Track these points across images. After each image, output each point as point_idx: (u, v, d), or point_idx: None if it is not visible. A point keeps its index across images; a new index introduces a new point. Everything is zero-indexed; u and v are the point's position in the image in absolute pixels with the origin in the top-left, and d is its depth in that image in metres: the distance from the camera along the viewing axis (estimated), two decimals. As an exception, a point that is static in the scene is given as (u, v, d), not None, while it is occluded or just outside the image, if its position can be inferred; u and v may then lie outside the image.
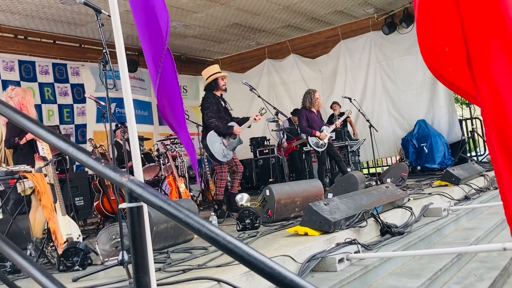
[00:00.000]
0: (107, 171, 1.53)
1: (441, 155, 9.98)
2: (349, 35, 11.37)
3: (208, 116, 6.17)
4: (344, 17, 10.98)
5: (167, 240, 4.12)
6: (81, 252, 3.69)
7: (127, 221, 3.76)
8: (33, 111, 4.97)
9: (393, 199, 5.20)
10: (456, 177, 6.85)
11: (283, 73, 12.16)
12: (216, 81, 6.29)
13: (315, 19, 10.89)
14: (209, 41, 11.61)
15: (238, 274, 2.88)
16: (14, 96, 4.83)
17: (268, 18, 10.33)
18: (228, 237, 1.33)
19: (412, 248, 4.28)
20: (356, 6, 10.34)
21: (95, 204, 6.65)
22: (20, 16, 8.42)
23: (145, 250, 1.51)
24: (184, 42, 11.41)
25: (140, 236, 1.50)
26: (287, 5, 9.62)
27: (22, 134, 4.72)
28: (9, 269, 3.75)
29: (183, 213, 1.40)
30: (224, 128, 6.18)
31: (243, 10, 9.58)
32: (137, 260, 1.48)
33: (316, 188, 5.48)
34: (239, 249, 1.30)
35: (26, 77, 8.88)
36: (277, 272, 1.24)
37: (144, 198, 1.46)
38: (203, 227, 1.37)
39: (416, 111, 10.51)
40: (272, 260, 1.28)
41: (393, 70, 10.80)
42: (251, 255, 1.28)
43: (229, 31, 10.92)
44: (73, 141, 2.79)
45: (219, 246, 1.34)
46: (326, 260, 3.51)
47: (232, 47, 12.36)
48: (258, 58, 12.54)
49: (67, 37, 9.71)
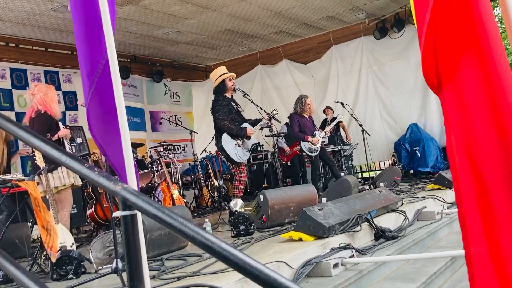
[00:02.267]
0: (100, 179, 1.53)
1: (434, 158, 10.01)
2: (341, 40, 11.41)
3: (220, 119, 6.08)
4: (335, 22, 11.03)
5: (161, 248, 4.11)
6: (75, 261, 3.67)
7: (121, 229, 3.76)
8: (57, 107, 4.89)
9: (387, 203, 5.21)
10: (449, 181, 6.88)
11: (275, 78, 12.18)
12: (223, 82, 6.24)
13: (307, 25, 10.93)
14: (202, 47, 11.61)
15: (233, 281, 2.88)
16: (36, 93, 4.78)
17: (260, 24, 10.35)
18: (223, 245, 1.33)
19: (406, 252, 4.29)
20: (348, 11, 10.39)
21: (88, 212, 6.61)
22: (12, 24, 8.39)
23: (140, 258, 1.50)
24: (177, 49, 11.41)
25: (134, 244, 1.49)
26: (279, 11, 9.65)
27: (52, 130, 4.68)
28: (1, 279, 3.72)
29: (177, 220, 1.40)
30: (237, 130, 6.10)
31: (235, 16, 9.60)
32: (132, 268, 1.48)
33: (310, 193, 5.48)
34: (234, 256, 1.30)
35: (18, 85, 8.84)
36: (273, 279, 1.23)
37: (138, 206, 1.46)
38: (197, 234, 1.36)
39: (408, 115, 10.55)
40: (267, 266, 1.28)
41: (385, 75, 10.85)
42: (246, 262, 1.28)
43: (221, 37, 10.94)
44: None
45: (214, 254, 1.34)
46: (320, 265, 3.51)
47: (225, 53, 12.37)
48: (250, 64, 12.55)
49: (59, 45, 9.69)
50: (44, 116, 4.70)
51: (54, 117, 4.80)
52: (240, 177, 6.21)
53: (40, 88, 4.83)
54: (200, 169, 9.51)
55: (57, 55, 9.67)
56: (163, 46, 11.02)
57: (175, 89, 12.53)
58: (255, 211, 5.24)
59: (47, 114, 4.72)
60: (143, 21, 9.08)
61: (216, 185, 9.38)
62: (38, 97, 4.75)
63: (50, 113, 4.75)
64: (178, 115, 12.29)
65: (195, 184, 9.51)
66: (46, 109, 4.72)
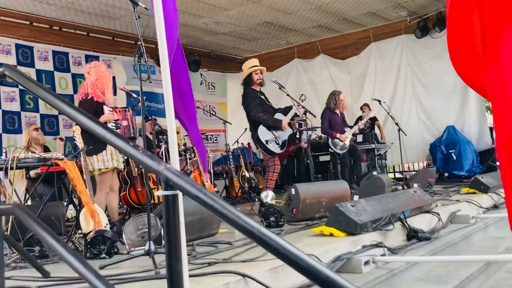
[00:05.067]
0: (144, 158, 1.54)
1: (470, 162, 9.79)
2: (381, 38, 11.24)
3: (255, 111, 6.12)
4: (376, 19, 10.87)
5: (192, 233, 4.15)
6: (108, 241, 3.74)
7: (162, 208, 3.82)
8: (109, 93, 4.84)
9: (421, 204, 5.13)
10: (485, 185, 6.72)
11: (311, 73, 12.10)
12: (250, 75, 6.27)
13: (347, 20, 10.81)
14: (239, 39, 11.62)
15: (263, 270, 2.88)
16: (92, 74, 4.76)
17: (299, 17, 10.29)
18: (263, 230, 1.33)
19: (438, 254, 4.21)
20: (389, 8, 10.22)
21: (121, 195, 6.73)
22: (56, 8, 8.57)
23: (179, 239, 1.51)
24: (215, 39, 11.45)
25: (174, 224, 1.50)
26: (319, 5, 9.57)
27: (96, 115, 4.66)
28: (37, 254, 3.83)
29: (219, 203, 1.40)
30: (272, 121, 6.14)
31: (275, 8, 9.57)
32: (171, 248, 1.49)
33: (342, 189, 5.45)
34: (274, 242, 1.30)
35: (60, 67, 9.05)
36: (313, 267, 1.23)
37: (180, 187, 1.47)
38: (238, 218, 1.37)
39: (446, 117, 10.32)
40: (307, 254, 1.27)
41: (424, 74, 10.64)
42: (286, 249, 1.28)
43: (259, 29, 10.92)
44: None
45: (254, 238, 1.34)
46: (351, 261, 3.48)
47: (262, 45, 12.35)
48: (287, 57, 12.50)
49: (100, 30, 9.85)
50: (89, 101, 4.69)
51: (102, 102, 4.80)
52: (274, 169, 6.21)
53: (97, 70, 4.79)
54: (232, 160, 9.55)
55: (98, 40, 9.84)
56: (201, 36, 11.07)
57: (211, 79, 12.59)
58: (285, 203, 5.23)
59: (93, 100, 4.71)
60: (183, 10, 9.13)
61: (246, 176, 9.42)
62: (92, 78, 4.73)
63: (97, 99, 4.74)
64: (212, 105, 12.35)
65: (226, 174, 9.57)
66: (94, 95, 4.71)
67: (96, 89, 4.70)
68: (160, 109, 10.61)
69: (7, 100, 8.23)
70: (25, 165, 4.43)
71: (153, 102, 10.51)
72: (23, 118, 8.42)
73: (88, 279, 1.52)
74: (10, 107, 8.25)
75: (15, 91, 8.32)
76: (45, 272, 2.84)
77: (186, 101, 2.76)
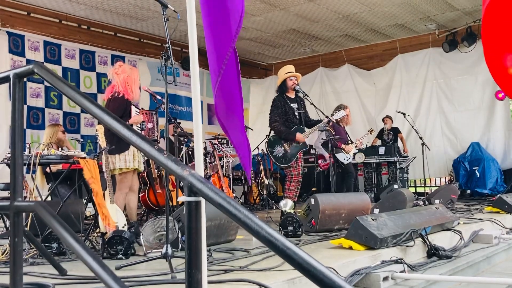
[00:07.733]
0: (168, 162, 1.52)
1: (493, 180, 9.59)
2: (408, 50, 11.13)
3: (272, 120, 6.10)
4: (404, 31, 10.76)
5: (209, 239, 4.11)
6: (126, 241, 3.73)
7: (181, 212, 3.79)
8: (137, 90, 4.88)
9: (443, 221, 5.02)
10: (509, 205, 6.56)
11: (336, 82, 12.02)
12: (285, 82, 6.24)
13: (374, 31, 10.73)
14: (264, 45, 11.62)
15: (280, 281, 2.84)
16: (120, 73, 4.80)
17: (326, 26, 10.24)
18: (288, 243, 1.29)
19: (459, 273, 4.11)
20: (418, 21, 10.12)
21: (140, 196, 6.74)
22: (85, 7, 8.68)
23: (200, 246, 1.48)
24: (240, 44, 11.47)
25: (196, 231, 1.47)
26: (347, 14, 9.51)
27: (125, 116, 4.72)
28: (55, 251, 3.84)
29: (242, 212, 1.37)
30: (286, 133, 6.05)
31: (302, 16, 9.54)
32: (191, 255, 1.46)
33: (363, 202, 5.37)
34: (298, 256, 1.26)
35: (86, 66, 9.16)
36: (338, 285, 1.18)
37: (204, 194, 1.44)
38: (261, 229, 1.33)
39: (471, 133, 10.15)
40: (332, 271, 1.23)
41: (451, 89, 10.48)
42: (310, 264, 1.24)
43: (285, 36, 10.91)
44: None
45: (277, 251, 1.30)
46: (370, 276, 3.41)
47: (287, 52, 12.33)
48: (311, 65, 12.45)
49: (127, 31, 9.95)
50: (120, 100, 4.72)
51: (131, 101, 4.83)
52: (291, 178, 6.15)
53: (125, 69, 4.83)
54: (252, 166, 9.51)
55: (125, 41, 9.94)
56: (227, 40, 11.08)
57: (234, 84, 12.59)
58: (304, 213, 5.17)
59: (124, 98, 4.74)
60: (210, 14, 9.16)
61: (266, 183, 9.36)
62: (121, 77, 4.76)
63: (127, 97, 4.76)
64: (235, 111, 12.34)
65: (245, 180, 9.53)
66: (125, 93, 4.73)
67: (127, 86, 4.73)
68: (182, 111, 10.65)
69: (33, 96, 8.36)
70: (47, 161, 4.46)
71: (175, 104, 10.56)
72: (47, 115, 8.54)
73: (105, 280, 1.50)
74: (36, 103, 8.38)
75: (40, 87, 8.45)
76: (62, 270, 2.85)
77: (233, 107, 2.69)
